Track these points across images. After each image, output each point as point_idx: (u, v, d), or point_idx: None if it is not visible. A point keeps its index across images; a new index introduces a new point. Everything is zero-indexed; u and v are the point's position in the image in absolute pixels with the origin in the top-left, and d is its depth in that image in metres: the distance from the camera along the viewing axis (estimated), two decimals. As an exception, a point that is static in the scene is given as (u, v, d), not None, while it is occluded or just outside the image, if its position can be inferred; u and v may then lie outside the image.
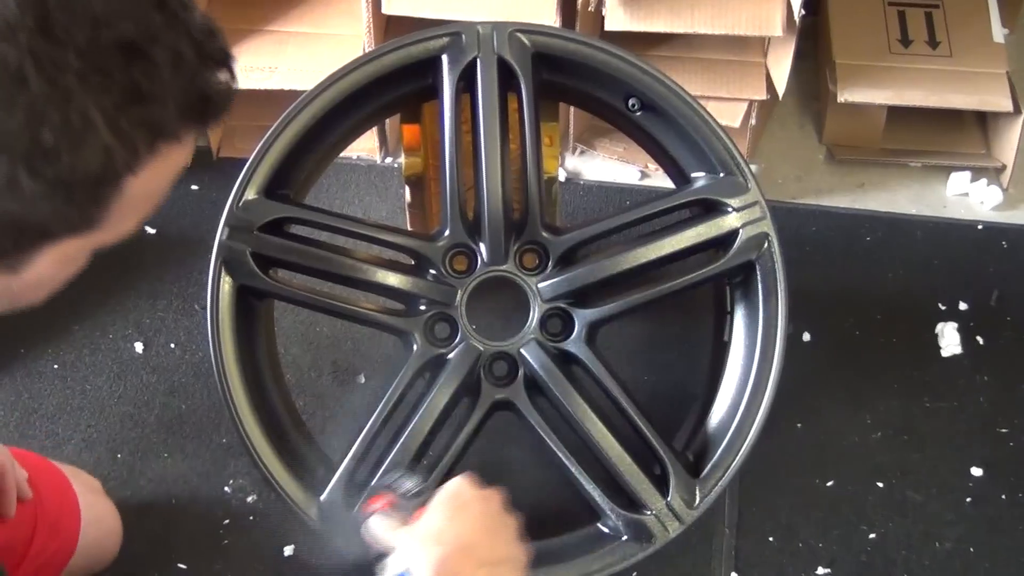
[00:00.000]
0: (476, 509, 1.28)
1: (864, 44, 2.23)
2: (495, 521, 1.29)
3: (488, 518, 1.28)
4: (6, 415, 1.91)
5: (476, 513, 1.27)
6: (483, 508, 1.28)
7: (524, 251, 1.64)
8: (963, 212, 2.21)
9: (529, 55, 1.61)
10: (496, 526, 1.28)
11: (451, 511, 1.27)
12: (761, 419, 1.62)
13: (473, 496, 1.29)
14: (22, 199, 0.87)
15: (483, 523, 1.27)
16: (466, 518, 1.26)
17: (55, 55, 0.84)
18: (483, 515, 1.27)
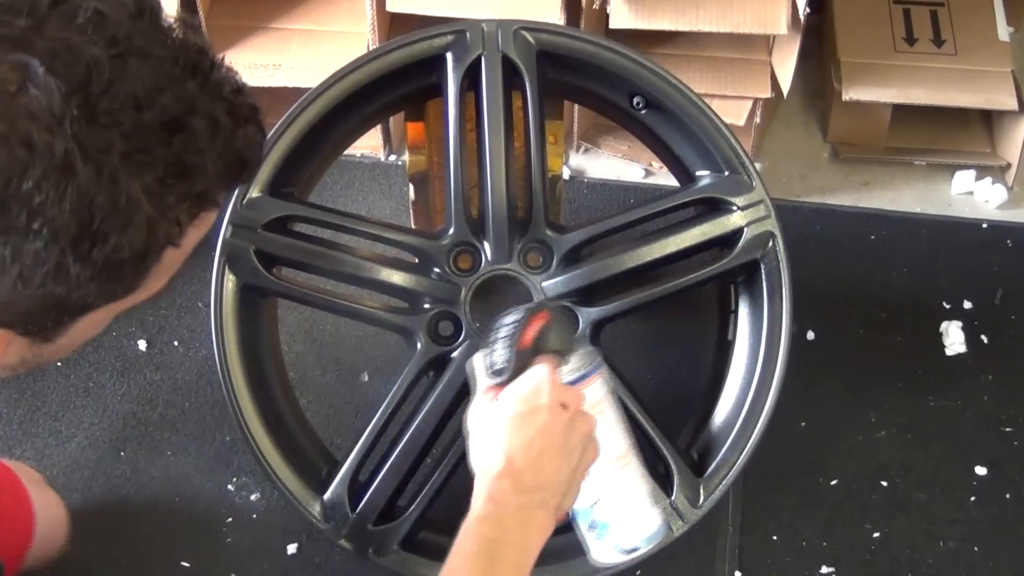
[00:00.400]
0: (542, 421, 1.21)
1: (869, 42, 2.23)
2: (555, 440, 1.21)
3: (549, 435, 1.21)
4: (10, 412, 1.91)
5: (540, 426, 1.20)
6: (551, 423, 1.21)
7: (528, 249, 1.64)
8: (968, 211, 2.21)
9: (534, 53, 1.61)
10: (553, 446, 1.21)
11: (519, 416, 1.21)
12: (765, 418, 1.62)
13: (547, 404, 1.22)
14: (68, 283, 0.88)
15: (542, 440, 1.20)
16: (528, 430, 1.20)
17: (101, 141, 0.85)
18: (546, 432, 1.20)
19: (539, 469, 1.19)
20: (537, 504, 1.19)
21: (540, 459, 1.19)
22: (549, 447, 1.20)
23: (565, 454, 1.21)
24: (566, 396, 1.24)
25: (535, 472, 1.19)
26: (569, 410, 1.22)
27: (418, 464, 1.62)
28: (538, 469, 1.19)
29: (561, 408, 1.22)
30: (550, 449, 1.20)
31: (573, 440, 1.22)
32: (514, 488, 1.18)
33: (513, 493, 1.18)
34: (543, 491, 1.19)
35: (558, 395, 1.23)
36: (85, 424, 1.90)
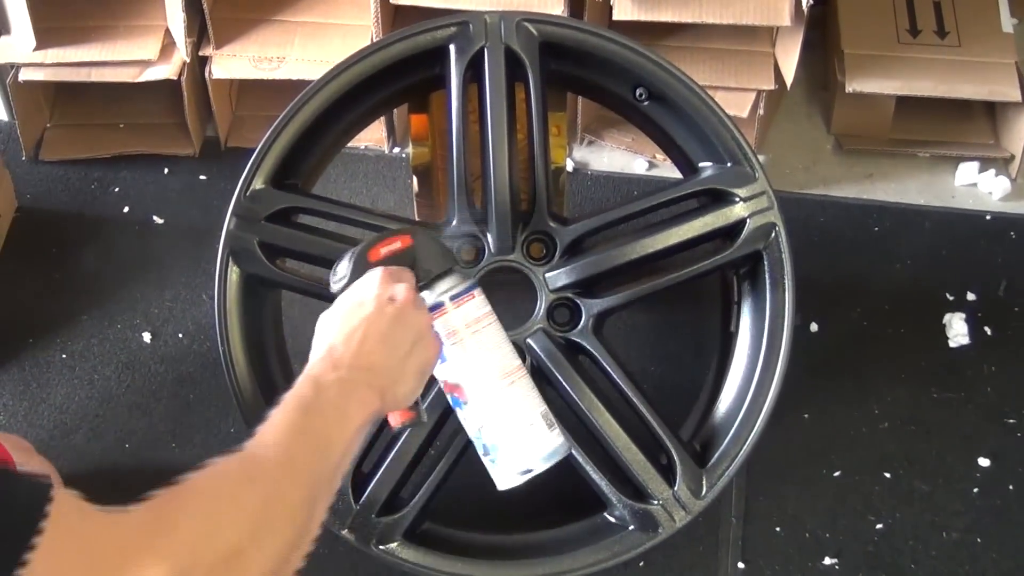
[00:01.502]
0: (366, 312, 1.24)
1: (873, 34, 2.22)
2: (378, 327, 1.23)
3: (371, 324, 1.23)
4: (15, 404, 1.91)
5: (363, 316, 1.23)
6: (374, 314, 1.24)
7: (531, 241, 1.64)
8: (971, 202, 2.21)
9: (537, 44, 1.61)
10: (376, 333, 1.23)
11: (345, 311, 1.25)
12: (768, 409, 1.62)
13: (373, 297, 1.25)
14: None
15: (364, 329, 1.22)
16: (351, 321, 1.23)
17: None
18: (368, 321, 1.23)
19: (360, 353, 1.21)
20: (359, 381, 1.18)
21: (362, 345, 1.21)
22: (371, 335, 1.22)
23: (390, 342, 1.23)
24: (394, 292, 1.26)
25: (355, 355, 1.20)
26: (396, 303, 1.25)
27: (421, 455, 1.62)
28: (359, 353, 1.21)
29: (387, 302, 1.25)
30: (372, 336, 1.22)
31: (400, 331, 1.24)
32: (334, 367, 1.18)
33: (333, 370, 1.18)
34: (365, 371, 1.19)
35: (385, 291, 1.26)
36: (90, 416, 1.90)
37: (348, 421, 1.15)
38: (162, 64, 2.11)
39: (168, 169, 2.24)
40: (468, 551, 1.65)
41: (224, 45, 2.13)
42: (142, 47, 2.11)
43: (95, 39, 2.12)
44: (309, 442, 1.11)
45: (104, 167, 2.24)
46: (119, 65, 2.12)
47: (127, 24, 2.15)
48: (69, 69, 2.13)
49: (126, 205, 2.19)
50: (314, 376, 1.17)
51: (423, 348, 1.27)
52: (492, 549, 1.66)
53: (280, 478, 1.06)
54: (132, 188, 2.21)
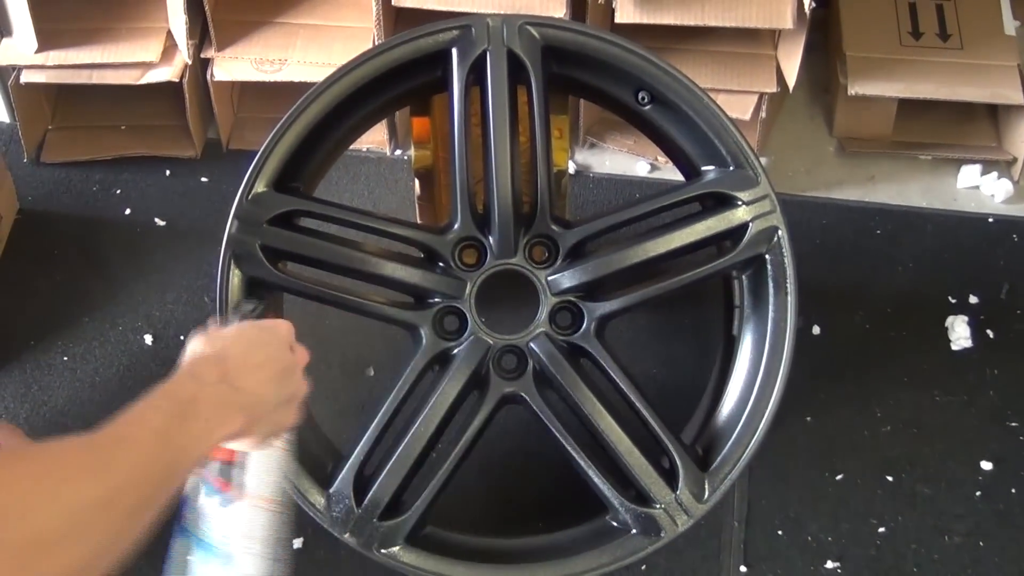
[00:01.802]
0: (271, 346, 1.24)
1: (875, 37, 2.22)
2: (276, 364, 1.22)
3: (271, 359, 1.22)
4: (16, 407, 1.91)
5: (267, 347, 1.23)
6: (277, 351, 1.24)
7: (533, 244, 1.64)
8: (974, 205, 2.20)
9: (539, 48, 1.61)
10: (272, 367, 1.21)
11: (252, 334, 1.24)
12: (770, 413, 1.62)
13: (281, 337, 1.26)
14: None
15: (263, 354, 1.21)
16: (254, 344, 1.22)
17: None
18: (271, 355, 1.22)
19: (250, 375, 1.17)
20: (231, 404, 1.13)
21: (256, 370, 1.18)
22: (268, 365, 1.20)
23: (279, 380, 1.21)
24: (299, 348, 1.27)
25: (246, 375, 1.16)
26: (296, 354, 1.25)
27: (423, 459, 1.62)
28: (249, 374, 1.17)
29: (290, 348, 1.26)
30: (268, 367, 1.20)
31: (290, 378, 1.23)
32: (218, 377, 1.14)
33: (218, 378, 1.14)
34: (247, 395, 1.15)
35: (292, 342, 1.27)
36: (91, 419, 1.87)
37: (212, 435, 1.10)
38: (164, 66, 2.11)
39: (170, 171, 2.24)
40: (470, 555, 1.64)
41: (226, 47, 2.13)
42: (144, 49, 2.11)
43: (97, 41, 2.12)
44: (164, 450, 1.05)
45: (106, 169, 2.24)
46: (121, 67, 2.12)
47: (129, 26, 2.15)
48: (71, 71, 2.13)
49: (128, 207, 2.19)
50: (199, 376, 1.13)
51: (297, 399, 1.26)
52: (494, 553, 1.66)
53: (121, 482, 0.98)
54: (134, 190, 2.21)
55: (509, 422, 1.76)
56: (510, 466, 1.84)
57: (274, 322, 1.28)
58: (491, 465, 1.81)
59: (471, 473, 1.69)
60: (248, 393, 1.16)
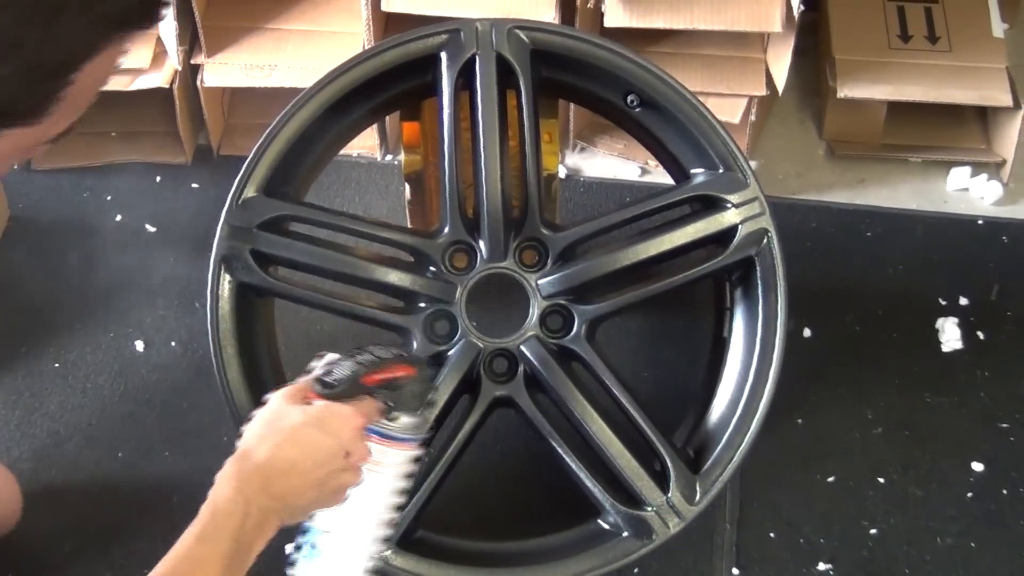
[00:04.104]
0: (321, 452, 1.24)
1: (864, 40, 2.23)
2: (319, 473, 1.24)
3: (317, 466, 1.23)
4: (7, 414, 1.91)
5: (315, 454, 1.23)
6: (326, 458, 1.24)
7: (524, 248, 1.64)
8: (963, 207, 2.21)
9: (528, 52, 1.61)
10: (314, 476, 1.23)
11: (307, 435, 1.24)
12: (761, 415, 1.62)
13: (336, 442, 1.25)
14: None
15: (308, 464, 1.23)
16: (304, 449, 1.23)
17: None
18: (317, 462, 1.23)
19: (290, 484, 1.22)
20: (273, 511, 1.21)
21: (297, 479, 1.22)
22: (310, 475, 1.23)
23: (318, 489, 1.24)
24: (357, 448, 1.27)
25: (287, 484, 1.22)
26: (350, 459, 1.26)
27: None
28: (289, 484, 1.22)
29: (344, 454, 1.25)
30: (309, 477, 1.23)
31: (333, 483, 1.25)
32: (262, 488, 1.20)
33: (260, 493, 1.20)
34: (282, 503, 1.22)
35: (352, 443, 1.26)
36: (83, 425, 1.90)
37: (253, 555, 1.21)
38: (154, 72, 2.11)
39: (160, 177, 2.24)
40: (462, 559, 1.64)
41: (216, 53, 2.14)
42: (134, 55, 2.11)
43: (87, 48, 2.12)
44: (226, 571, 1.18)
45: (96, 175, 2.23)
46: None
47: (119, 33, 2.14)
48: (61, 78, 2.13)
49: (118, 213, 2.19)
50: (244, 494, 1.19)
51: (337, 498, 1.28)
52: (486, 556, 1.66)
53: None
54: (124, 196, 2.21)
55: (500, 425, 1.76)
56: (501, 469, 1.84)
57: (341, 418, 1.26)
58: (482, 468, 1.81)
59: (462, 477, 1.69)
60: (288, 501, 1.22)
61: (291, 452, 1.22)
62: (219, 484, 1.21)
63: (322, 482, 1.24)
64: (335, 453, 1.24)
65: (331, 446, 1.24)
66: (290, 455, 1.22)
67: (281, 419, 1.25)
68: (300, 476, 1.22)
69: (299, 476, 1.22)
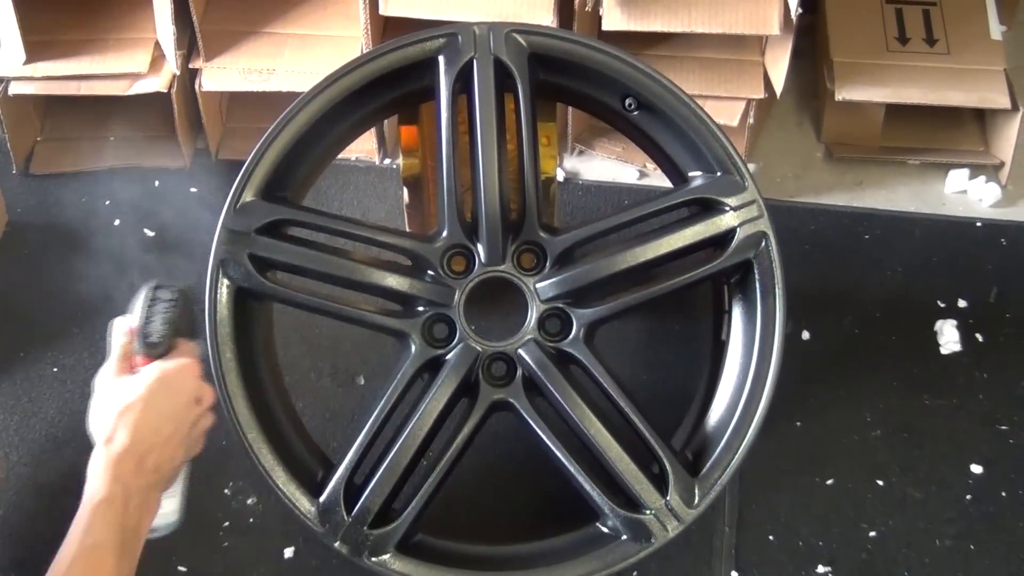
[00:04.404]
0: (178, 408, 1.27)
1: (862, 42, 2.23)
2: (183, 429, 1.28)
3: (179, 423, 1.27)
4: (6, 418, 1.91)
5: (174, 413, 1.26)
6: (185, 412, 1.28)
7: (522, 251, 1.64)
8: (962, 209, 2.21)
9: (525, 55, 1.61)
10: (180, 433, 1.27)
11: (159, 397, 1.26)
12: (760, 417, 1.62)
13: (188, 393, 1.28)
14: None
15: (172, 426, 1.26)
16: (162, 412, 1.25)
17: None
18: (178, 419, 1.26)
19: (162, 453, 1.24)
20: (153, 485, 1.23)
21: (167, 444, 1.25)
22: (176, 434, 1.26)
23: (185, 444, 1.28)
24: (204, 391, 1.31)
25: (158, 455, 1.24)
26: (202, 405, 1.27)
27: (413, 467, 1.62)
28: (161, 453, 1.24)
29: (195, 402, 1.26)
30: (176, 436, 1.26)
31: (195, 433, 1.30)
32: (137, 470, 1.22)
33: (136, 475, 1.21)
34: (160, 473, 1.24)
35: (199, 388, 1.30)
36: (81, 430, 1.87)
37: (142, 534, 1.23)
38: (152, 77, 2.11)
39: (159, 182, 2.24)
40: (461, 562, 1.64)
41: (214, 57, 2.14)
42: (132, 60, 2.11)
43: (85, 52, 2.12)
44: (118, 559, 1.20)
45: (95, 180, 2.23)
46: (109, 78, 2.12)
47: (117, 37, 2.15)
48: (59, 82, 2.13)
49: (117, 218, 2.19)
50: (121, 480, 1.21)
51: (200, 446, 1.33)
52: (485, 560, 1.65)
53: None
54: (123, 201, 2.21)
55: (499, 429, 1.76)
56: (500, 473, 1.84)
57: (180, 368, 1.29)
58: (481, 472, 1.81)
59: (461, 480, 1.69)
60: (163, 469, 1.25)
61: (150, 423, 1.24)
62: (92, 478, 1.22)
63: (186, 436, 1.28)
64: (188, 405, 1.28)
65: (182, 401, 1.28)
66: (151, 426, 1.24)
67: (124, 395, 1.26)
68: (167, 441, 1.25)
69: (166, 442, 1.24)
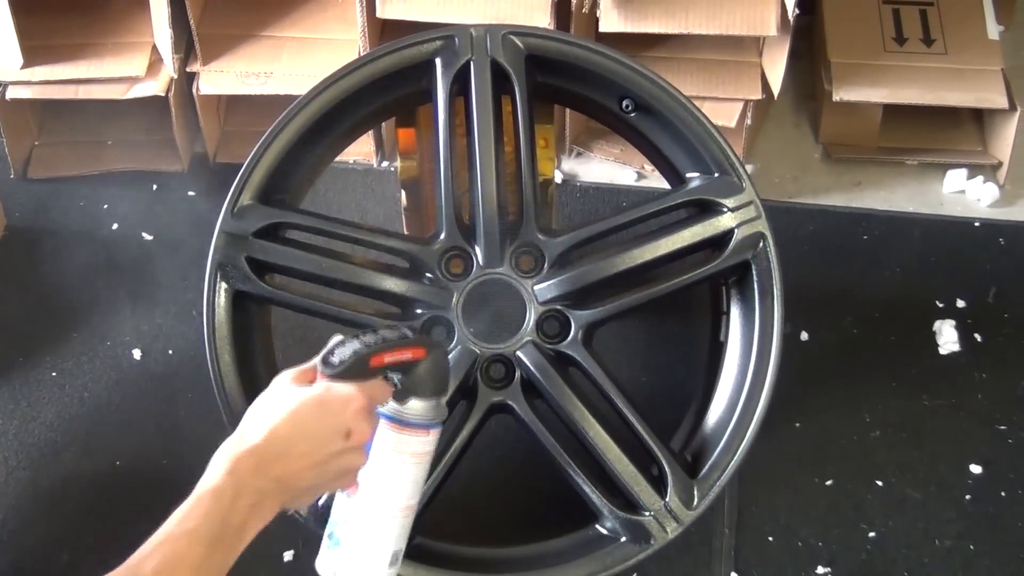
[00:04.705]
0: (321, 432, 1.22)
1: (859, 43, 2.23)
2: (319, 454, 1.22)
3: (317, 446, 1.22)
4: (5, 423, 1.91)
5: (315, 433, 1.22)
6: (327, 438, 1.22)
7: (520, 253, 1.64)
8: (960, 209, 2.21)
9: (522, 57, 1.61)
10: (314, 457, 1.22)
11: (308, 413, 1.22)
12: (758, 419, 1.62)
13: (339, 421, 1.23)
14: None
15: (307, 446, 1.21)
16: (303, 428, 1.21)
17: None
18: (317, 442, 1.22)
19: (287, 466, 1.20)
20: (269, 493, 1.19)
21: (295, 460, 1.20)
22: (308, 456, 1.21)
23: (318, 470, 1.22)
24: (359, 427, 1.24)
25: (283, 466, 1.19)
26: (350, 440, 1.23)
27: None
28: (287, 465, 1.19)
29: (346, 434, 1.23)
30: (308, 458, 1.21)
31: (335, 464, 1.23)
32: (256, 469, 1.18)
33: (253, 474, 1.18)
34: (280, 485, 1.19)
35: (354, 422, 1.24)
36: (80, 434, 1.90)
37: (246, 538, 1.18)
38: (150, 81, 2.11)
39: (157, 186, 2.24)
40: (460, 564, 1.64)
41: (211, 61, 2.14)
42: (129, 64, 2.11)
43: (82, 57, 2.12)
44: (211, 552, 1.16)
45: (93, 184, 2.24)
46: (107, 82, 2.12)
47: (114, 41, 2.15)
48: (57, 87, 2.13)
49: (115, 222, 2.19)
50: (236, 475, 1.17)
51: (343, 482, 1.27)
52: (484, 562, 1.65)
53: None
54: (121, 205, 2.21)
55: (498, 431, 1.76)
56: (499, 475, 1.84)
57: (344, 396, 1.24)
58: (480, 474, 1.81)
59: (460, 483, 1.69)
60: (286, 484, 1.20)
61: (288, 432, 1.20)
62: (211, 466, 1.19)
63: (323, 463, 1.22)
64: (335, 433, 1.22)
65: (331, 425, 1.22)
66: (287, 435, 1.20)
67: (281, 400, 1.23)
68: (298, 457, 1.20)
69: (297, 457, 1.20)
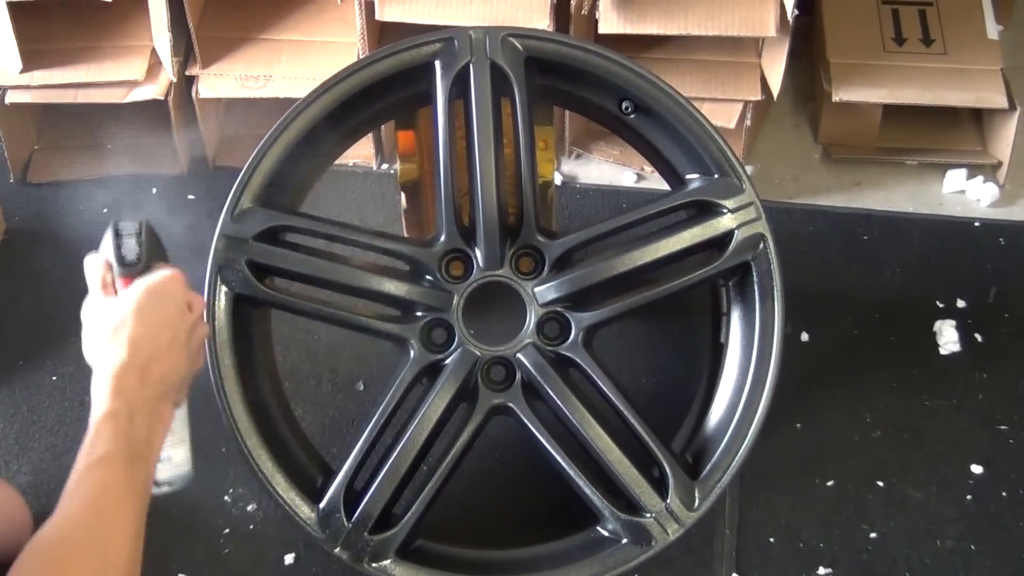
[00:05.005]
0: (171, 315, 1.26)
1: (858, 43, 2.23)
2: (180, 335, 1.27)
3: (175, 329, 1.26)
4: (5, 427, 1.91)
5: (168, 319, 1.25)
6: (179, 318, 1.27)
7: (520, 255, 1.64)
8: (960, 209, 2.21)
9: (522, 59, 1.61)
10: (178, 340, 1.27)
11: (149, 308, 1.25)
12: (759, 420, 1.62)
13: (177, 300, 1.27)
14: None
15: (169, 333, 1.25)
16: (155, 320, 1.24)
17: None
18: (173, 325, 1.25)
19: (164, 363, 1.23)
20: (161, 396, 1.21)
21: (168, 352, 1.24)
22: (175, 341, 1.25)
23: (184, 352, 1.27)
24: (193, 298, 1.30)
25: (161, 363, 1.22)
26: (194, 312, 1.27)
27: (413, 472, 1.62)
28: (163, 362, 1.23)
29: (187, 308, 1.28)
30: (176, 343, 1.25)
31: (193, 339, 1.29)
32: (141, 381, 1.20)
33: (140, 386, 1.20)
34: (166, 383, 1.22)
35: (188, 295, 1.30)
36: (81, 438, 1.89)
37: (155, 446, 1.21)
38: (149, 84, 2.11)
39: (156, 189, 2.24)
40: (461, 567, 1.64)
41: (210, 64, 2.13)
42: (128, 67, 2.11)
43: (81, 60, 2.12)
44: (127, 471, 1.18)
45: (92, 188, 2.23)
46: (106, 86, 2.12)
47: (113, 45, 2.15)
48: (56, 91, 2.13)
49: (115, 226, 2.19)
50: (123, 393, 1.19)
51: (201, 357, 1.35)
52: (485, 565, 1.66)
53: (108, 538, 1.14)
54: (120, 208, 2.21)
55: (499, 433, 1.76)
56: (500, 477, 1.84)
57: (167, 281, 1.29)
58: (481, 477, 1.81)
59: (461, 485, 1.69)
60: (170, 379, 1.24)
61: (144, 332, 1.23)
62: (95, 399, 1.21)
63: (184, 344, 1.27)
64: (180, 311, 1.27)
65: (174, 306, 1.27)
66: (147, 336, 1.23)
67: (113, 315, 1.26)
68: (166, 349, 1.23)
69: (165, 350, 1.23)
